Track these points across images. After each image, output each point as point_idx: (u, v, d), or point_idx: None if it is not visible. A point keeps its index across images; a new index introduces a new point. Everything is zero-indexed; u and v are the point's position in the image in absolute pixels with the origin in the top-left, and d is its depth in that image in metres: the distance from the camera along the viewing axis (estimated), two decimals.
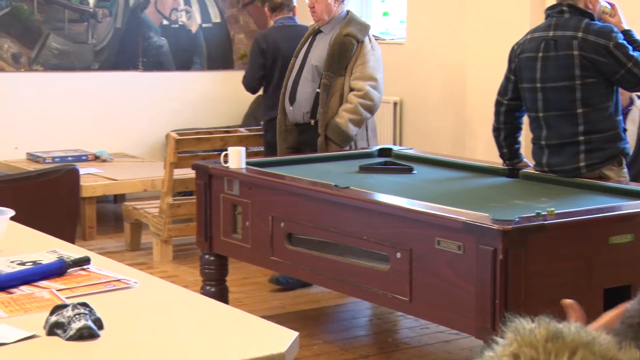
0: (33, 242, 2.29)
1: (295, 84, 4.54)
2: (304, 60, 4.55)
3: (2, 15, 6.28)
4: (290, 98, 4.55)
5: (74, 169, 5.15)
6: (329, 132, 4.41)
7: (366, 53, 4.45)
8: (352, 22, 4.49)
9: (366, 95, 4.42)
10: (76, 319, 1.59)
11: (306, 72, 4.51)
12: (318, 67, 4.47)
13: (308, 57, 4.53)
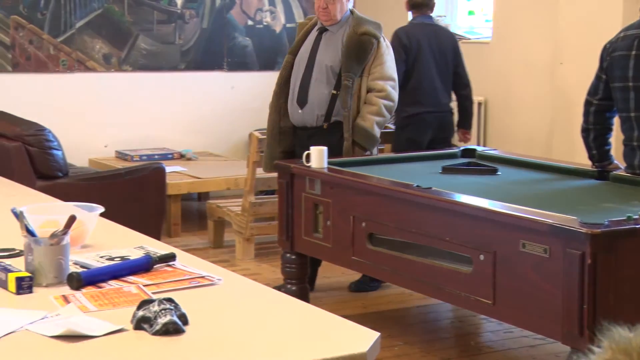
0: (121, 238, 2.34)
1: (305, 85, 4.31)
2: (311, 61, 4.33)
3: (95, 16, 6.46)
4: (300, 100, 4.31)
5: (160, 167, 5.26)
6: (356, 136, 4.25)
7: (383, 52, 4.30)
8: (364, 21, 4.34)
9: (388, 96, 4.31)
10: (162, 314, 1.62)
11: (318, 73, 4.29)
12: (333, 67, 4.28)
13: (317, 58, 4.32)
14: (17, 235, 1.98)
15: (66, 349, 1.54)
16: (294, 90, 4.33)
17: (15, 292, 1.83)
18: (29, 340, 1.58)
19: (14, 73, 6.25)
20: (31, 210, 2.09)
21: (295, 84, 4.33)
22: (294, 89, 4.33)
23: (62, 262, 1.91)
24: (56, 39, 6.35)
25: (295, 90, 4.32)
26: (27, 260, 1.92)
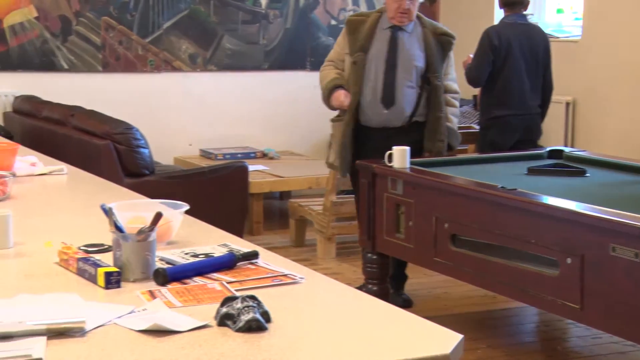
0: (205, 235, 2.37)
1: (391, 85, 4.23)
2: (392, 60, 4.24)
3: (181, 17, 6.58)
4: (386, 100, 4.23)
5: (243, 165, 5.32)
6: (450, 137, 4.27)
7: (451, 54, 4.34)
8: (431, 21, 4.39)
9: (458, 98, 4.41)
10: (245, 311, 1.63)
11: (404, 73, 4.23)
12: (420, 68, 4.24)
13: (400, 57, 4.24)
14: (106, 231, 2.03)
15: (152, 343, 1.57)
16: (376, 90, 4.24)
17: (104, 287, 1.87)
18: (117, 334, 1.61)
19: (104, 73, 6.42)
20: (119, 207, 2.13)
21: (377, 84, 4.24)
22: (375, 88, 4.24)
23: (148, 258, 1.95)
24: (144, 40, 6.49)
25: (378, 90, 4.24)
26: (115, 256, 1.96)
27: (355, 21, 4.34)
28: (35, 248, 2.17)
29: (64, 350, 1.52)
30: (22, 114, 5.83)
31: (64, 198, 2.88)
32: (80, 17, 6.31)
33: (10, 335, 1.54)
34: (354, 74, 4.24)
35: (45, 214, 2.56)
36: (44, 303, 1.77)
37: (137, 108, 6.38)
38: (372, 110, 4.26)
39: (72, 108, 5.42)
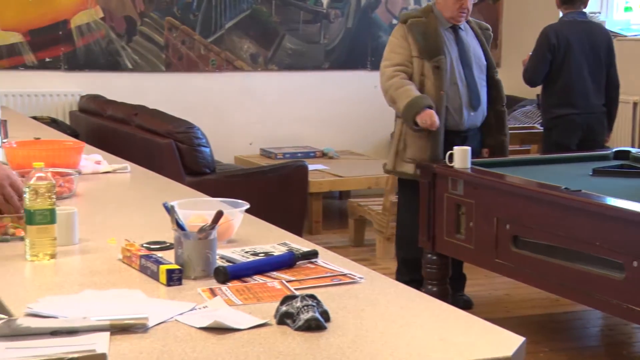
0: (265, 234, 2.38)
1: (473, 86, 4.17)
2: (466, 61, 4.17)
3: (243, 17, 6.64)
4: (474, 102, 4.17)
5: (302, 165, 5.34)
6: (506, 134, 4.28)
7: None
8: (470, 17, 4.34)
9: None
10: (305, 310, 1.63)
11: (478, 72, 4.20)
12: (484, 65, 4.23)
13: (471, 57, 4.18)
14: (168, 229, 2.05)
15: (212, 340, 1.58)
16: (463, 93, 4.14)
17: (165, 284, 1.89)
18: (179, 331, 1.63)
19: (167, 73, 6.51)
20: (181, 205, 2.16)
21: (461, 86, 4.14)
22: (461, 91, 4.14)
23: (209, 256, 1.96)
24: (206, 40, 6.56)
25: (464, 92, 4.14)
26: (176, 254, 1.98)
27: (419, 23, 4.18)
28: (100, 245, 2.21)
29: (127, 346, 1.55)
30: (87, 112, 5.95)
31: (128, 196, 2.93)
32: (144, 17, 6.41)
33: (75, 330, 1.57)
34: (438, 78, 4.11)
35: (109, 212, 2.60)
36: (108, 299, 1.80)
37: (199, 107, 6.45)
38: (460, 113, 4.17)
39: (136, 107, 5.51)
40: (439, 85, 4.10)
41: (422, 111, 4.00)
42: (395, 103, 4.12)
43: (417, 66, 4.14)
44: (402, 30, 4.21)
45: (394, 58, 4.18)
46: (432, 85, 4.10)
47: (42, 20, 6.14)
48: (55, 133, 4.42)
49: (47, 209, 2.07)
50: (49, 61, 6.19)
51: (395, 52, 4.19)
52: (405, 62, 4.15)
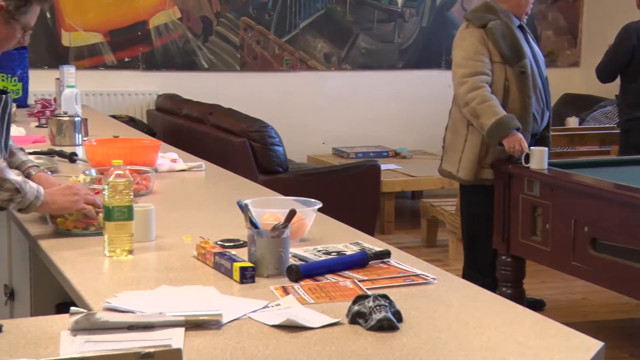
0: (337, 233, 2.38)
1: (546, 86, 4.06)
2: (538, 61, 4.04)
3: (318, 17, 6.66)
4: (549, 104, 4.08)
5: (375, 164, 5.32)
6: None
7: None
8: None
9: None
10: (377, 310, 1.63)
11: (544, 70, 4.08)
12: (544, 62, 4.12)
13: (535, 55, 4.03)
14: (242, 227, 2.07)
15: (285, 338, 1.59)
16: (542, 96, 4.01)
17: (239, 281, 1.91)
18: (252, 328, 1.65)
19: (242, 72, 6.58)
20: (255, 203, 2.18)
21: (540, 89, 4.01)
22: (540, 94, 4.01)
23: (282, 255, 1.98)
24: (281, 39, 6.60)
25: (542, 95, 4.02)
26: (250, 251, 2.00)
27: (497, 25, 3.93)
28: (175, 241, 2.25)
29: (201, 342, 1.57)
30: (164, 111, 6.06)
31: (202, 194, 2.97)
32: (220, 17, 6.49)
33: (151, 325, 1.60)
34: (523, 83, 3.91)
35: (184, 209, 2.65)
36: (183, 295, 1.83)
37: (273, 106, 6.50)
38: (542, 115, 4.05)
39: (211, 106, 5.58)
40: (524, 90, 3.92)
41: (511, 134, 3.80)
42: (478, 118, 3.84)
43: (499, 72, 3.90)
44: (478, 35, 3.92)
45: (474, 66, 3.88)
46: (517, 91, 3.92)
47: (122, 21, 6.27)
48: (133, 131, 4.52)
49: (125, 206, 2.12)
50: (127, 61, 6.32)
51: (473, 59, 3.89)
52: (486, 70, 3.89)
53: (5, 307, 3.00)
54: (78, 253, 2.14)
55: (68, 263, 2.05)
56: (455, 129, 4.08)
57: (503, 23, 3.96)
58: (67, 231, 2.29)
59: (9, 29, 2.25)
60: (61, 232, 2.30)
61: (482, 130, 3.88)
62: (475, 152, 3.98)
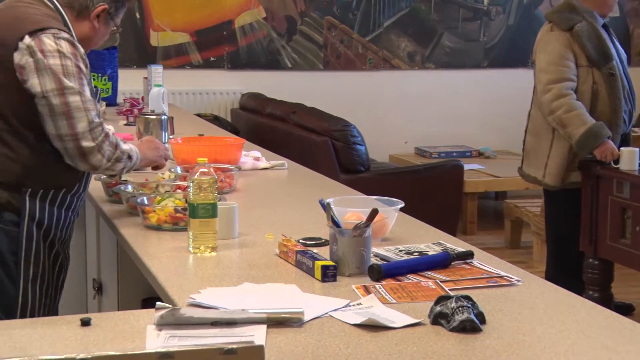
0: (419, 233, 2.37)
1: (631, 86, 3.93)
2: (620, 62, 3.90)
3: (402, 15, 6.63)
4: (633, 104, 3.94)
5: (458, 164, 5.27)
6: None
7: None
8: None
9: None
10: (459, 311, 1.61)
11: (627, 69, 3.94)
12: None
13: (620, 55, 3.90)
14: (324, 226, 2.08)
15: (366, 338, 1.59)
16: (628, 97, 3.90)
17: (320, 280, 1.92)
18: (333, 326, 1.65)
19: (324, 71, 6.60)
20: (337, 202, 2.18)
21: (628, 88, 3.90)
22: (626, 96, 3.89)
23: (364, 254, 1.97)
24: (365, 38, 6.60)
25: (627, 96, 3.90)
26: (331, 250, 2.00)
27: (583, 28, 3.80)
28: (258, 239, 2.27)
29: (283, 339, 1.58)
30: (247, 110, 6.13)
31: (285, 192, 2.99)
32: (304, 17, 6.52)
33: (234, 322, 1.62)
34: (613, 86, 3.80)
35: (267, 207, 2.67)
36: (265, 292, 1.85)
37: (355, 105, 6.50)
38: (629, 116, 3.94)
39: (294, 105, 5.61)
40: (614, 93, 3.80)
41: (602, 144, 3.70)
42: (565, 127, 3.73)
43: (586, 76, 3.77)
44: (564, 39, 3.79)
45: (559, 72, 3.76)
46: (607, 94, 3.79)
47: (208, 21, 6.37)
48: (217, 130, 4.58)
49: (210, 203, 2.15)
50: (213, 60, 6.42)
51: (558, 64, 3.77)
52: (571, 76, 3.77)
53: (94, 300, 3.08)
54: (164, 249, 2.18)
55: (154, 259, 2.09)
56: (538, 132, 3.98)
57: (589, 24, 3.82)
58: (157, 227, 2.34)
59: (107, 29, 2.38)
60: (150, 228, 2.35)
61: (570, 140, 3.77)
62: (562, 158, 3.86)
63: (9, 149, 2.19)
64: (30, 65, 2.14)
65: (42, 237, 2.27)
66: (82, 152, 2.19)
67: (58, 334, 1.58)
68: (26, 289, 2.25)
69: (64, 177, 2.27)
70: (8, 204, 2.20)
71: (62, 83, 2.14)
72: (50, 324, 1.64)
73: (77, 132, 2.16)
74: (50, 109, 2.15)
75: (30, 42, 2.15)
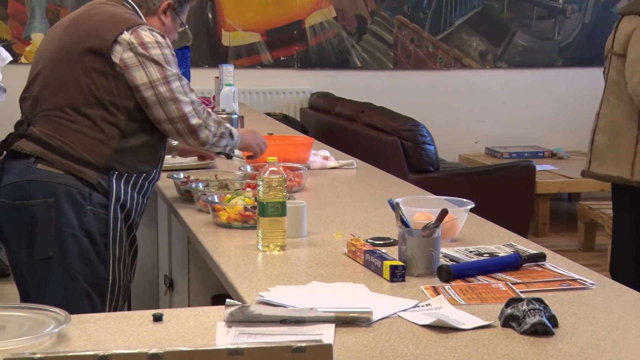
0: (490, 234, 2.34)
1: None
2: None
3: (474, 14, 6.56)
4: None
5: (530, 165, 5.18)
6: None
7: None
8: None
9: None
10: (531, 314, 1.58)
11: None
12: None
13: None
14: (392, 225, 2.07)
15: (435, 339, 1.58)
16: None
17: (389, 280, 1.91)
18: (401, 327, 1.64)
19: (394, 70, 6.57)
20: (405, 202, 2.17)
21: None
22: None
23: (433, 254, 1.96)
24: (435, 37, 6.55)
25: None
26: (400, 250, 1.99)
27: None
28: (326, 238, 2.27)
29: (351, 339, 1.58)
30: (316, 109, 6.14)
31: (353, 191, 2.99)
32: (375, 16, 6.51)
33: (302, 320, 1.62)
34: None
35: (335, 206, 2.67)
36: (333, 291, 1.85)
37: (425, 105, 6.46)
38: None
39: (363, 105, 5.61)
40: None
41: None
42: None
43: None
44: None
45: None
46: None
47: (279, 21, 6.41)
48: (286, 129, 4.61)
49: (279, 202, 2.16)
50: (283, 60, 6.46)
51: None
52: None
53: (165, 296, 3.13)
54: (233, 247, 2.20)
55: (224, 256, 2.12)
56: (614, 131, 3.87)
57: None
58: (227, 224, 2.36)
59: (174, 26, 2.54)
60: (220, 225, 2.38)
61: None
62: None
63: (102, 134, 2.35)
64: (132, 59, 2.33)
65: (124, 219, 2.42)
66: (192, 130, 2.39)
67: (131, 329, 1.61)
68: (114, 268, 2.40)
69: (145, 162, 2.44)
70: (98, 185, 2.36)
71: (166, 71, 2.35)
72: (124, 318, 1.67)
73: (185, 113, 2.37)
74: (158, 97, 2.35)
75: (130, 37, 2.33)
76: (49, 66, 2.41)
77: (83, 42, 2.36)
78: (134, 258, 2.50)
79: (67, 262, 2.33)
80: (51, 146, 2.34)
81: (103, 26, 2.37)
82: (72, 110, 2.35)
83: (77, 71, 2.35)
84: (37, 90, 2.41)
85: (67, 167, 2.33)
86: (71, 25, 2.44)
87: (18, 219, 2.35)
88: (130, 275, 2.49)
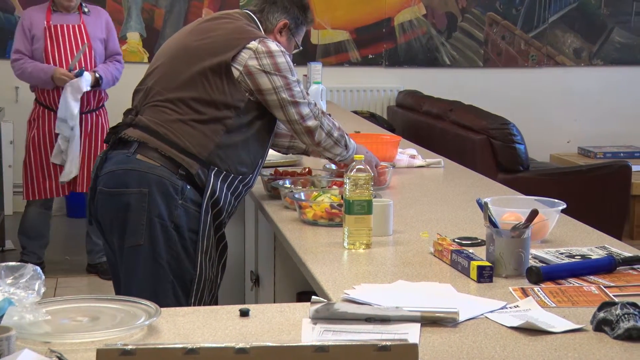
0: (582, 235, 2.28)
1: None
2: None
3: (569, 10, 6.42)
4: None
5: (626, 165, 5.02)
6: None
7: None
8: None
9: None
10: (625, 319, 1.54)
11: None
12: None
13: None
14: (480, 225, 2.04)
15: (524, 341, 1.54)
16: None
17: (476, 280, 1.88)
18: (489, 328, 1.61)
19: (484, 68, 6.48)
20: (494, 202, 2.13)
21: None
22: None
23: (522, 255, 1.92)
24: (527, 34, 6.43)
25: None
26: (488, 250, 1.96)
27: None
28: (412, 237, 2.25)
29: (437, 339, 1.56)
30: (404, 107, 6.11)
31: (440, 190, 2.96)
32: (465, 13, 6.43)
33: (388, 319, 1.61)
34: None
35: (422, 205, 2.64)
36: (419, 291, 1.83)
37: (515, 103, 6.34)
38: None
39: (452, 103, 5.54)
40: None
41: None
42: None
43: None
44: None
45: None
46: None
47: (367, 19, 6.40)
48: (373, 127, 4.59)
49: (365, 200, 2.15)
50: (371, 58, 6.44)
51: None
52: None
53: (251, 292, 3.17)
54: (319, 244, 2.20)
55: (310, 253, 2.12)
56: None
57: None
58: (313, 222, 2.37)
59: (289, 45, 2.66)
60: (306, 223, 2.38)
61: None
62: None
63: (209, 130, 2.44)
64: (257, 67, 2.46)
65: (214, 216, 2.47)
66: (309, 131, 2.54)
67: (219, 323, 1.63)
68: (201, 262, 2.44)
69: (244, 165, 2.50)
70: (197, 175, 2.42)
71: (288, 79, 2.50)
72: (211, 312, 1.70)
73: (304, 116, 2.52)
74: (281, 102, 2.50)
75: (258, 46, 2.47)
76: (167, 62, 2.53)
77: (208, 45, 2.48)
78: (222, 255, 2.54)
79: (155, 252, 2.39)
80: (157, 133, 2.43)
81: (231, 33, 2.50)
82: (182, 103, 2.45)
83: (194, 69, 2.45)
84: (152, 83, 2.52)
85: (170, 154, 2.41)
86: (198, 28, 2.57)
87: (113, 206, 2.43)
88: (217, 270, 2.52)
